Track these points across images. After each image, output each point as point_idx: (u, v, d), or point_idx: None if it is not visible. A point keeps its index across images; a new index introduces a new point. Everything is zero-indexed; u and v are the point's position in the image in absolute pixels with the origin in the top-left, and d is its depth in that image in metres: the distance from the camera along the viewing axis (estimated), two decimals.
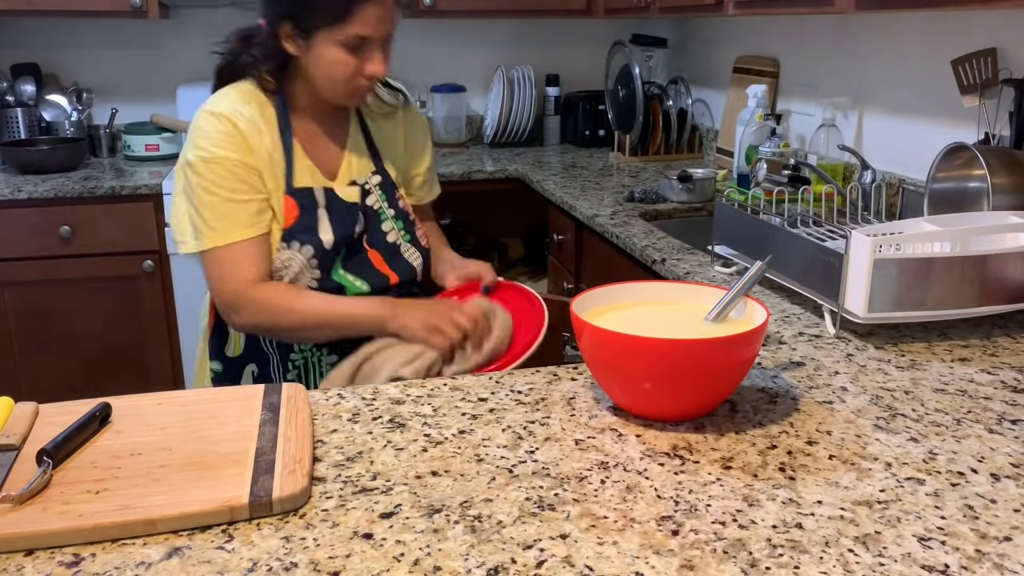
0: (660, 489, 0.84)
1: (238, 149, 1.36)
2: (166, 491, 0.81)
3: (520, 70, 3.21)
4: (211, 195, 1.35)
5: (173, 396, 1.02)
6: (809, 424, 0.98)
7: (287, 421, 0.95)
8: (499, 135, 3.26)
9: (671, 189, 2.30)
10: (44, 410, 0.98)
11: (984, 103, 1.75)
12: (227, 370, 1.49)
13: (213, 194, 1.35)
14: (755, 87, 2.47)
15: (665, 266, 1.72)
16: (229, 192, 1.35)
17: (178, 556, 0.74)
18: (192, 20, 3.15)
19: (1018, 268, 1.24)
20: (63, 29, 3.06)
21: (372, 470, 0.88)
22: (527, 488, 0.84)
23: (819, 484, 0.85)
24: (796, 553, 0.74)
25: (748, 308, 1.05)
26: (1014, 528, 0.78)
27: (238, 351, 1.48)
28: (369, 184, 1.49)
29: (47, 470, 0.83)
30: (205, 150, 1.36)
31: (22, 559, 0.73)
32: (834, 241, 1.40)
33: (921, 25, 2.00)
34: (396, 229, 1.51)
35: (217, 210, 1.35)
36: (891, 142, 2.13)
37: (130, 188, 2.60)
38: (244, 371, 1.48)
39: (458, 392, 1.07)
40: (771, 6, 2.04)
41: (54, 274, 2.60)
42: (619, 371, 0.96)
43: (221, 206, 1.35)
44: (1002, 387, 1.09)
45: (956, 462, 0.90)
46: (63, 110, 3.00)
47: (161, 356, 2.74)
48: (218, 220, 1.35)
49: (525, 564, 0.72)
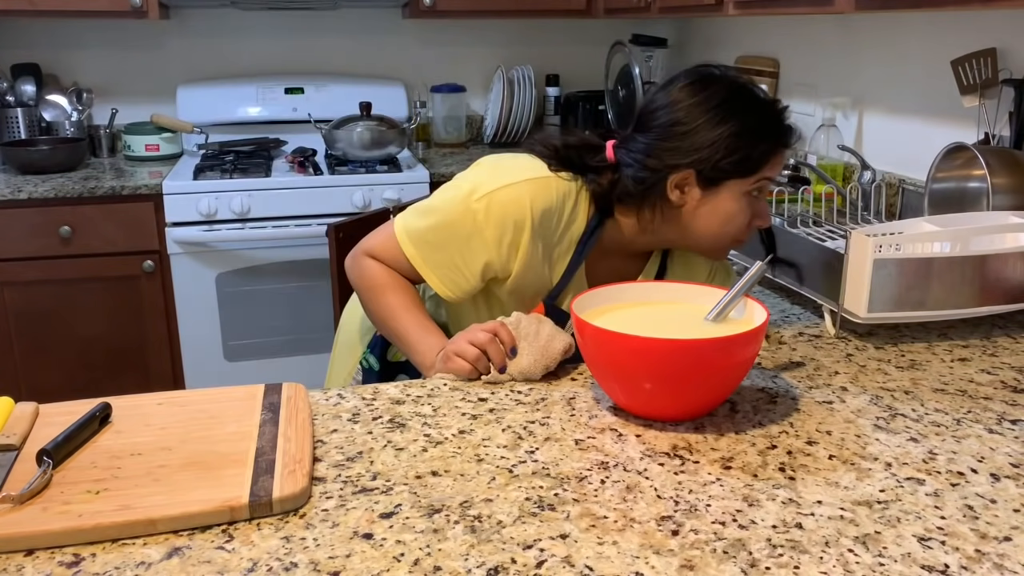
0: (660, 489, 0.84)
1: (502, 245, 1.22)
2: (166, 491, 0.81)
3: (520, 70, 3.21)
4: (442, 239, 1.24)
5: (173, 396, 1.02)
6: (809, 424, 0.98)
7: (287, 421, 0.95)
8: (499, 135, 3.25)
9: None
10: (44, 410, 0.98)
11: (984, 103, 1.75)
12: (383, 370, 1.44)
13: (443, 241, 1.24)
14: None
15: None
16: (453, 252, 1.24)
17: (178, 556, 0.74)
18: (192, 20, 3.15)
19: (1018, 268, 1.24)
20: (63, 29, 3.06)
21: (372, 470, 0.88)
22: (527, 488, 0.84)
23: (819, 484, 0.85)
24: (796, 553, 0.74)
25: (748, 308, 1.05)
26: (1014, 528, 0.78)
27: (399, 356, 1.43)
28: None
29: (47, 470, 0.83)
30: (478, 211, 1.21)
31: (22, 559, 0.73)
32: (834, 241, 1.40)
33: (921, 25, 2.00)
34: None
35: (433, 248, 1.25)
36: (891, 142, 2.13)
37: (130, 188, 2.60)
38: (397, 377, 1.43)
39: (458, 392, 1.07)
40: (771, 6, 2.04)
41: (54, 274, 2.60)
42: (619, 371, 0.96)
43: (436, 252, 1.24)
44: (1002, 387, 1.09)
45: (956, 462, 0.90)
46: (63, 110, 3.00)
47: (161, 356, 2.74)
48: (426, 249, 1.25)
49: (525, 564, 0.72)
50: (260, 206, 2.64)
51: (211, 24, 3.17)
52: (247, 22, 3.17)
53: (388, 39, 3.30)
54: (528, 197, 1.20)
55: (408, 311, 1.27)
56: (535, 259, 1.24)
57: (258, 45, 3.21)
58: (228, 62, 3.19)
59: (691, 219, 1.21)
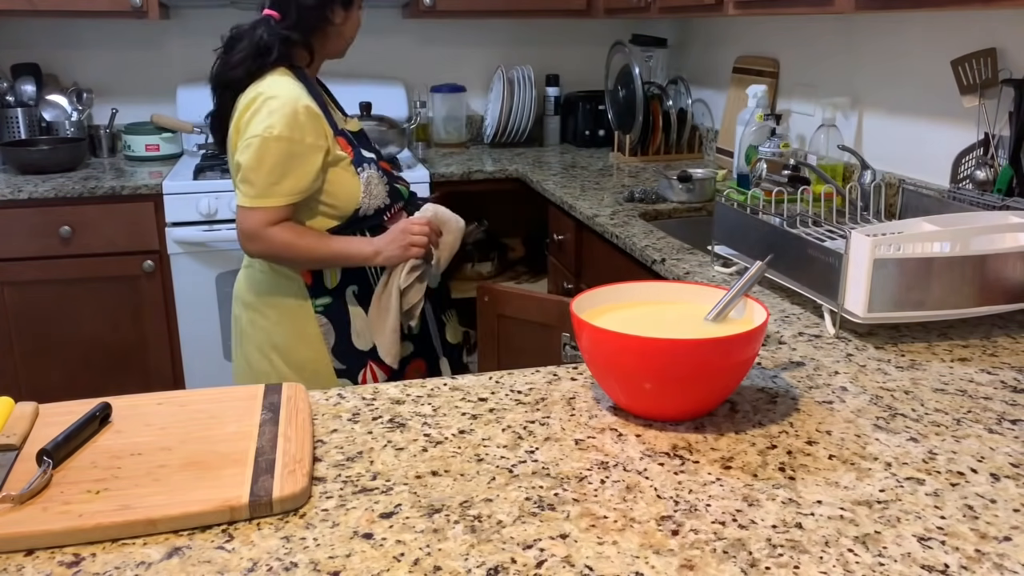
0: (660, 489, 0.84)
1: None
2: (166, 491, 0.81)
3: (520, 70, 3.21)
4: (278, 175, 1.61)
5: (173, 396, 1.02)
6: (809, 424, 0.98)
7: (287, 421, 0.95)
8: (499, 135, 3.26)
9: (671, 189, 2.30)
10: (44, 410, 0.98)
11: (984, 103, 1.75)
12: (334, 300, 1.74)
13: (282, 173, 1.61)
14: (755, 87, 2.47)
15: (665, 266, 1.73)
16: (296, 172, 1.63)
17: (178, 556, 0.74)
18: (192, 20, 3.15)
19: (1018, 268, 1.24)
20: (63, 29, 3.06)
21: (372, 470, 0.88)
22: (527, 488, 0.84)
23: (819, 484, 0.85)
24: (796, 553, 0.74)
25: (748, 308, 1.05)
26: (1014, 528, 0.78)
27: (335, 281, 1.73)
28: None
29: (47, 470, 0.83)
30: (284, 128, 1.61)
31: (22, 559, 0.73)
32: (834, 241, 1.40)
33: (921, 25, 2.00)
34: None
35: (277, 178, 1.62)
36: (891, 142, 2.13)
37: (130, 188, 2.60)
38: (346, 293, 1.74)
39: (458, 392, 1.07)
40: (771, 6, 2.04)
41: (54, 274, 2.60)
42: (619, 371, 0.97)
43: (282, 176, 1.61)
44: (1002, 387, 1.09)
45: (956, 462, 0.90)
46: (63, 110, 3.00)
47: (161, 356, 2.74)
48: (276, 192, 1.62)
49: (525, 564, 0.72)
50: None
51: (211, 24, 3.16)
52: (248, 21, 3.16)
53: (388, 39, 3.30)
54: (292, 101, 1.60)
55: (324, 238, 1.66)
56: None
57: None
58: None
59: (343, 34, 1.75)
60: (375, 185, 1.70)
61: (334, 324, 1.74)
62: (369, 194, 1.69)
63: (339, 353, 1.75)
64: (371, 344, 1.75)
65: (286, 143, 1.58)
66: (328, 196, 1.66)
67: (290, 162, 1.59)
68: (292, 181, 1.60)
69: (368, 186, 1.69)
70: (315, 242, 1.65)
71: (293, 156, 1.59)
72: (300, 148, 1.59)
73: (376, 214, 1.72)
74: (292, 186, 1.61)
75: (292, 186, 1.61)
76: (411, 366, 1.83)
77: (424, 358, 1.86)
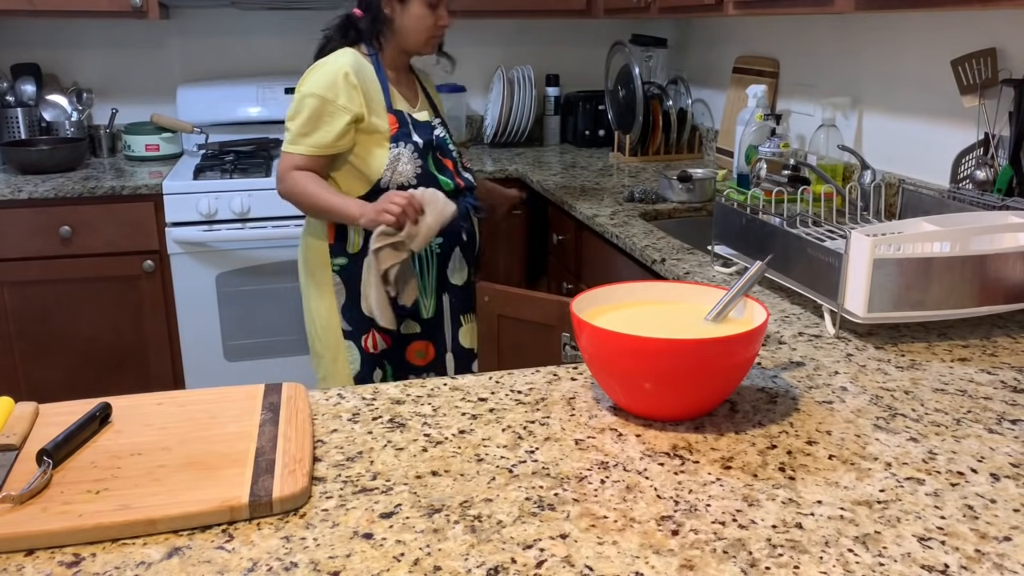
0: (660, 489, 0.84)
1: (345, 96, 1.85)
2: (166, 491, 0.81)
3: (520, 70, 3.21)
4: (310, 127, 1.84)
5: (173, 396, 1.02)
6: (809, 424, 0.98)
7: (287, 421, 0.95)
8: (499, 135, 3.25)
9: (671, 189, 2.30)
10: (44, 410, 0.98)
11: (984, 103, 1.75)
12: (349, 263, 1.93)
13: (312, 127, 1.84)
14: (755, 87, 2.47)
15: (665, 266, 1.73)
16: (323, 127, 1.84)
17: (178, 556, 0.74)
18: (192, 20, 3.15)
19: (1018, 268, 1.24)
20: (63, 29, 3.06)
21: (372, 470, 0.88)
22: (527, 488, 0.84)
23: (819, 484, 0.85)
24: (796, 553, 0.74)
25: (748, 308, 1.05)
26: (1014, 528, 0.78)
27: (357, 248, 1.92)
28: (434, 120, 2.00)
29: (47, 470, 0.83)
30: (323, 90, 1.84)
31: (22, 559, 0.73)
32: (834, 241, 1.40)
33: (921, 25, 2.00)
34: (456, 153, 2.03)
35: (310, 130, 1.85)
36: (891, 142, 2.13)
37: (130, 188, 2.60)
38: (364, 259, 1.88)
39: (458, 392, 1.07)
40: (771, 6, 2.04)
41: (54, 274, 2.60)
42: (619, 371, 0.97)
43: (314, 132, 1.84)
44: (1002, 387, 1.09)
45: (956, 462, 0.90)
46: (63, 110, 3.00)
47: (161, 356, 2.74)
48: (305, 140, 1.85)
49: (525, 564, 0.72)
50: (260, 206, 2.64)
51: (211, 24, 3.17)
52: (247, 22, 3.17)
53: None
54: (337, 68, 1.84)
55: (328, 191, 1.85)
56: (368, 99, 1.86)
57: (258, 45, 3.21)
58: (228, 62, 3.19)
59: (402, 25, 1.88)
60: (403, 163, 1.87)
61: (346, 285, 1.93)
62: (393, 169, 1.86)
63: (347, 314, 1.95)
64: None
65: (320, 101, 1.81)
66: (358, 159, 1.87)
67: (320, 119, 1.82)
68: (319, 135, 1.82)
69: (395, 162, 1.86)
70: (319, 192, 1.84)
71: (323, 114, 1.81)
72: (331, 108, 1.81)
73: (400, 191, 1.84)
74: (318, 139, 1.82)
75: (318, 139, 1.82)
76: (415, 345, 2.01)
77: (433, 343, 2.02)
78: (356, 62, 1.86)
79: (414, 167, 1.88)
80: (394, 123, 1.88)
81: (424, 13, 1.88)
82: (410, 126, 1.91)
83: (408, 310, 1.95)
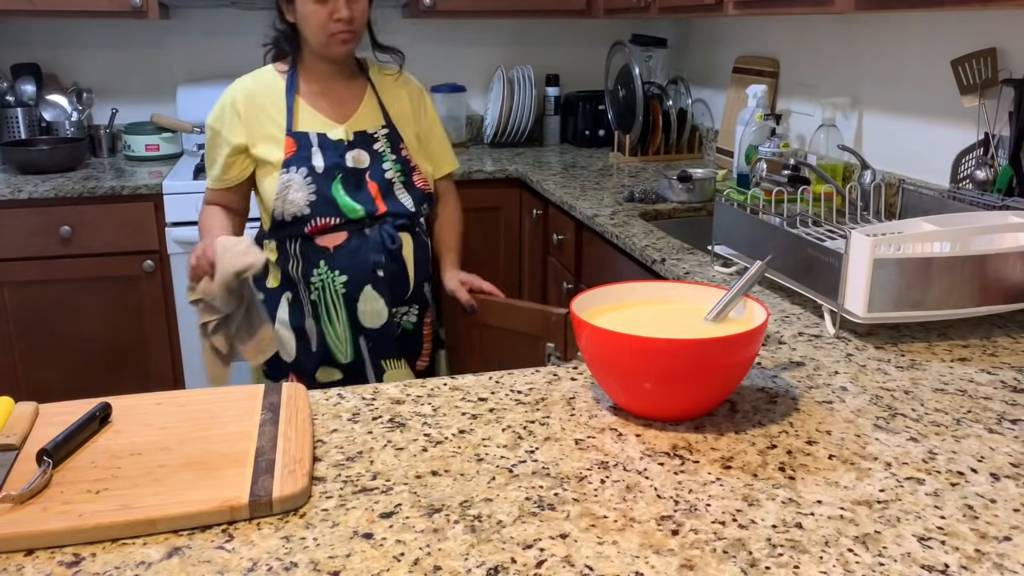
0: (660, 489, 0.84)
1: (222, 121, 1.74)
2: (166, 491, 0.81)
3: (520, 70, 3.21)
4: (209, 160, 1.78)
5: (173, 396, 1.02)
6: (809, 424, 0.98)
7: (287, 421, 0.95)
8: (499, 135, 3.25)
9: (671, 189, 2.30)
10: (44, 410, 0.98)
11: (984, 103, 1.75)
12: (268, 299, 1.77)
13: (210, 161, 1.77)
14: (755, 87, 2.47)
15: (665, 266, 1.73)
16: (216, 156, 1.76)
17: (178, 556, 0.74)
18: (192, 20, 3.15)
19: (1018, 268, 1.24)
20: (63, 29, 3.06)
21: (372, 470, 0.88)
22: (527, 488, 0.84)
23: (819, 484, 0.85)
24: (796, 553, 0.74)
25: (748, 308, 1.05)
26: (1014, 528, 0.78)
27: (276, 283, 1.77)
28: (377, 133, 1.79)
29: (47, 470, 0.83)
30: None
31: (22, 559, 0.73)
32: (834, 241, 1.40)
33: (921, 25, 2.00)
34: (395, 171, 1.77)
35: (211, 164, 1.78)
36: (891, 142, 2.13)
37: (130, 188, 2.60)
38: (280, 299, 1.76)
39: (458, 392, 1.07)
40: (771, 6, 2.04)
41: (54, 274, 2.60)
42: (619, 371, 0.97)
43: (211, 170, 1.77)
44: (1002, 387, 1.09)
45: (956, 462, 0.90)
46: (63, 110, 3.00)
47: (161, 356, 2.74)
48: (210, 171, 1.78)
49: (525, 564, 0.72)
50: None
51: (211, 24, 3.17)
52: (247, 22, 3.17)
53: (388, 39, 3.28)
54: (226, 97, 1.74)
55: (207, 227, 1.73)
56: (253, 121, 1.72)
57: (258, 45, 3.20)
58: (228, 62, 3.19)
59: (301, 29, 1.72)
60: (294, 191, 1.66)
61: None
62: (283, 199, 1.67)
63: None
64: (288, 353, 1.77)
65: (211, 132, 1.74)
66: (258, 190, 1.76)
67: (212, 150, 1.75)
68: (215, 169, 1.75)
69: (285, 190, 1.67)
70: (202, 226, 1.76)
71: (214, 146, 1.74)
72: (218, 140, 1.73)
73: (296, 222, 1.68)
74: (215, 173, 1.75)
75: (215, 173, 1.75)
76: None
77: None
78: (252, 86, 1.73)
79: (306, 195, 1.66)
80: (291, 147, 1.69)
81: (313, 8, 1.64)
82: (313, 148, 1.69)
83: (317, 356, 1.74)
